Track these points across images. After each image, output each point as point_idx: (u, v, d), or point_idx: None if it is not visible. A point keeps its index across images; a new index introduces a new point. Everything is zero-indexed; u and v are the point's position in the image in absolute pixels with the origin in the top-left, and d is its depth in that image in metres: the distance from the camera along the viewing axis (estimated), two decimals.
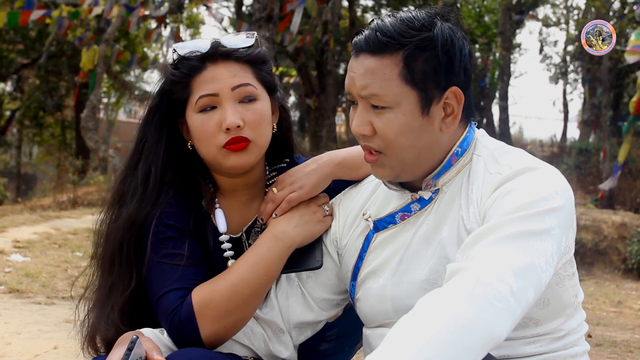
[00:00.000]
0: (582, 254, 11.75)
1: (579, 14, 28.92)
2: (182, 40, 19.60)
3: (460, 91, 1.75)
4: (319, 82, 22.80)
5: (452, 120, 1.76)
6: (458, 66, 1.74)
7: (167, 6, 19.72)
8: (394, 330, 1.39)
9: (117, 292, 1.98)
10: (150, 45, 29.65)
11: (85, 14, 17.17)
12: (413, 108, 1.72)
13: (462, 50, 1.75)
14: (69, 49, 22.59)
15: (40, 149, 35.52)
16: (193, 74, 2.00)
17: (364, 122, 1.76)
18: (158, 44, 28.56)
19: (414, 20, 1.73)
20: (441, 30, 1.73)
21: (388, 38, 1.71)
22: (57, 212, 13.46)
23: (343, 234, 2.03)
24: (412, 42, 1.70)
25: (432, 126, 1.75)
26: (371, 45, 1.73)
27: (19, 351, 3.55)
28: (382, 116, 1.74)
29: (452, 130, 1.77)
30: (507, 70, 26.21)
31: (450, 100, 1.74)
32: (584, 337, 1.88)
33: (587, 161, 21.23)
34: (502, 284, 1.44)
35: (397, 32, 1.71)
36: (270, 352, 2.04)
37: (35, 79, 27.86)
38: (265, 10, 11.65)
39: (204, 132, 1.98)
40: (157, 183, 2.02)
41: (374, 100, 1.73)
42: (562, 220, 1.61)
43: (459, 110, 1.76)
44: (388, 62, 1.71)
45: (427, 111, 1.73)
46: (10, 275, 5.91)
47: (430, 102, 1.73)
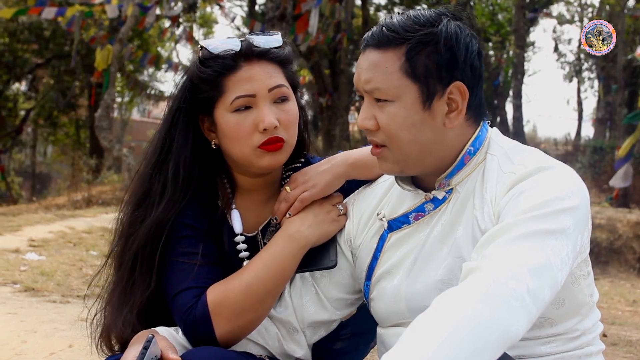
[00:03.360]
0: (597, 253, 11.68)
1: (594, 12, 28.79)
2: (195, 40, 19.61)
3: (464, 86, 1.75)
4: (332, 81, 22.78)
5: (456, 115, 1.76)
6: (463, 62, 1.74)
7: (180, 6, 19.77)
8: (410, 329, 1.39)
9: (136, 293, 1.98)
10: (164, 44, 29.75)
11: (99, 14, 17.24)
12: (414, 102, 1.73)
13: (469, 47, 1.75)
14: (83, 49, 22.69)
15: (54, 149, 35.71)
16: (226, 72, 1.98)
17: (368, 116, 1.79)
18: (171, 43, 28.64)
19: (420, 16, 1.76)
20: (446, 26, 1.74)
21: (392, 32, 1.74)
22: (72, 211, 13.51)
23: (357, 233, 2.03)
24: (415, 36, 1.72)
25: (435, 121, 1.75)
26: (376, 39, 1.76)
27: (35, 349, 3.57)
28: (384, 110, 1.75)
29: (456, 125, 1.77)
30: (520, 68, 26.08)
31: (455, 95, 1.75)
32: (599, 336, 1.87)
33: (601, 160, 21.11)
34: (518, 283, 1.43)
35: (402, 26, 1.74)
36: (285, 351, 2.04)
37: (50, 78, 28.01)
38: (278, 10, 11.67)
39: (239, 132, 1.98)
40: (185, 183, 2.02)
41: (377, 93, 1.75)
42: (577, 219, 1.60)
43: (464, 105, 1.76)
44: (391, 55, 1.74)
45: (428, 105, 1.74)
46: (25, 273, 5.94)
47: (432, 97, 1.73)
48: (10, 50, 25.61)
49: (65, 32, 19.39)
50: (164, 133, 2.07)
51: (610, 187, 16.02)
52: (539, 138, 38.59)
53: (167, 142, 2.05)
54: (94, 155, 21.04)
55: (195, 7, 23.63)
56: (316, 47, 20.21)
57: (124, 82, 24.75)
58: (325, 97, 22.13)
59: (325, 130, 22.42)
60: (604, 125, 24.86)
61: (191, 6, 22.17)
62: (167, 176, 2.01)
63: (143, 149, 2.16)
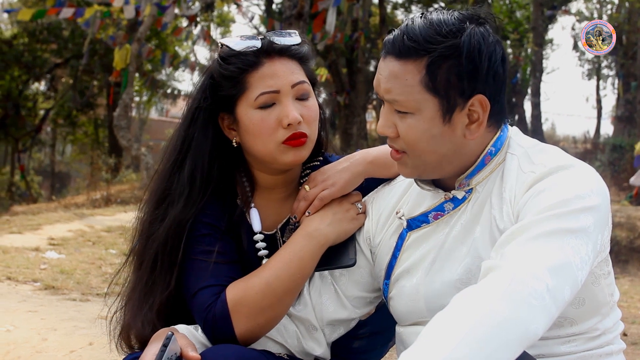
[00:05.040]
0: (617, 252, 11.57)
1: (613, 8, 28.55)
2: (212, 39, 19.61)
3: (485, 99, 1.71)
4: (349, 80, 22.78)
5: (477, 127, 1.73)
6: (485, 74, 1.70)
7: (198, 5, 19.83)
8: (428, 327, 1.39)
9: (156, 291, 1.99)
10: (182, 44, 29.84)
11: (117, 14, 17.32)
12: (434, 115, 1.71)
13: (492, 56, 1.70)
14: (101, 48, 22.82)
15: (73, 148, 36.00)
16: (248, 69, 1.99)
17: (388, 123, 1.77)
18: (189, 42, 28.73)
19: (442, 24, 1.69)
20: (469, 36, 1.68)
21: (414, 43, 1.69)
22: (91, 209, 13.60)
23: (376, 232, 2.03)
24: (437, 49, 1.67)
25: (455, 133, 1.73)
26: (397, 48, 1.71)
27: (55, 347, 3.60)
28: (404, 120, 1.74)
29: (476, 137, 1.75)
30: (539, 66, 25.96)
31: (476, 107, 1.71)
32: (620, 335, 1.86)
33: (621, 158, 20.92)
34: (538, 282, 1.42)
35: (423, 37, 1.68)
36: (304, 349, 2.05)
37: (69, 78, 28.20)
38: (295, 8, 11.66)
39: (263, 128, 1.98)
40: (204, 181, 2.02)
41: (396, 105, 1.73)
42: (597, 218, 1.59)
43: (484, 117, 1.73)
44: (411, 67, 1.70)
45: (448, 118, 1.71)
46: (45, 272, 5.99)
47: (452, 110, 1.71)
48: (29, 50, 25.84)
49: (84, 32, 19.48)
50: (183, 131, 2.07)
51: (630, 185, 15.87)
52: (558, 136, 38.37)
53: (187, 141, 2.05)
54: (112, 154, 21.13)
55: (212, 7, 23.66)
56: (333, 45, 20.22)
57: (142, 81, 24.86)
58: (343, 95, 22.12)
59: (343, 128, 22.41)
60: (624, 123, 24.64)
61: (208, 5, 22.21)
62: (186, 175, 2.02)
63: (161, 147, 2.17)
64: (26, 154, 30.13)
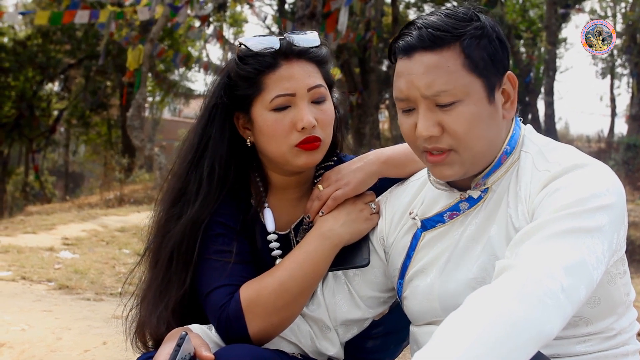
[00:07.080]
0: (632, 251, 11.52)
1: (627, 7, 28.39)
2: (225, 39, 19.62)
3: (513, 75, 1.76)
4: (362, 79, 22.77)
5: (511, 105, 1.77)
6: (508, 52, 1.77)
7: (210, 6, 19.86)
8: (442, 327, 1.38)
9: (171, 290, 1.99)
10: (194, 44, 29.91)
11: (130, 14, 17.37)
12: (481, 96, 1.71)
13: (504, 38, 1.77)
14: (114, 49, 22.90)
15: (87, 148, 36.14)
16: (265, 70, 1.98)
17: (432, 123, 1.71)
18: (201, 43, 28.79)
19: (457, 13, 1.74)
20: (486, 18, 1.75)
21: (442, 32, 1.70)
22: (104, 209, 13.65)
23: (390, 232, 2.02)
24: (466, 32, 1.70)
25: (498, 114, 1.75)
26: (427, 41, 1.70)
27: (70, 346, 3.61)
28: (452, 112, 1.70)
29: (511, 116, 1.78)
30: (552, 65, 25.84)
31: (507, 85, 1.76)
32: (636, 336, 1.85)
33: (635, 157, 20.81)
34: (553, 281, 1.41)
35: (449, 25, 1.70)
36: (317, 349, 2.05)
37: (82, 78, 28.33)
38: (308, 8, 11.66)
39: (277, 130, 1.98)
40: (221, 181, 2.02)
41: (442, 97, 1.69)
42: (613, 217, 1.58)
43: (515, 94, 1.77)
44: (449, 55, 1.69)
45: (492, 98, 1.73)
46: (59, 271, 6.01)
47: (493, 89, 1.73)
48: (43, 50, 25.97)
49: (98, 33, 19.58)
50: (200, 130, 2.07)
51: None
52: (571, 135, 38.20)
53: (204, 139, 2.05)
54: (126, 154, 21.19)
55: (225, 7, 23.72)
56: (346, 45, 20.22)
57: (155, 81, 24.93)
58: (356, 95, 22.12)
59: (356, 128, 22.41)
60: (638, 122, 24.50)
61: (221, 5, 22.26)
62: (203, 174, 2.02)
63: (174, 147, 2.17)
64: (40, 154, 30.26)
